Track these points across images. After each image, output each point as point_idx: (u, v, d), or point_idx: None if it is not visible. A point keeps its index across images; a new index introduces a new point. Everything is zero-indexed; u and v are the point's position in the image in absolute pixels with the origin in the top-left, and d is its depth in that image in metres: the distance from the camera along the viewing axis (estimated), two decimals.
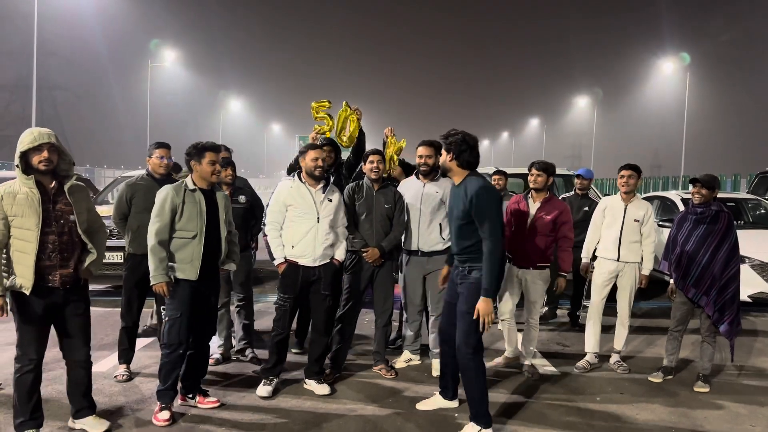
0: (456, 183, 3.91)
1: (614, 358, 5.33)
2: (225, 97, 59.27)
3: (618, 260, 5.23)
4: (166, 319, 3.99)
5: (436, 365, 4.87)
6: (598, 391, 4.70)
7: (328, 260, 4.50)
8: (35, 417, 3.55)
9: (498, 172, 7.74)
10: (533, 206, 5.12)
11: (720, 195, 12.74)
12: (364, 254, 4.78)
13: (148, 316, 5.95)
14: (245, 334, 5.27)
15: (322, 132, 5.45)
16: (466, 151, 3.77)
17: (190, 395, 4.22)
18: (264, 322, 6.40)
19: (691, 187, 4.99)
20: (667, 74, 42.70)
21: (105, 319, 6.45)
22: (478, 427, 3.74)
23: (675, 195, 9.18)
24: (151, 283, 3.90)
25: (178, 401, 4.18)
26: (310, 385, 4.57)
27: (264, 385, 4.47)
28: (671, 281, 5.08)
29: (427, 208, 4.82)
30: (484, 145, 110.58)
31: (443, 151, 3.86)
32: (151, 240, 3.87)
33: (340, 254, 4.58)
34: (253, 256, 5.57)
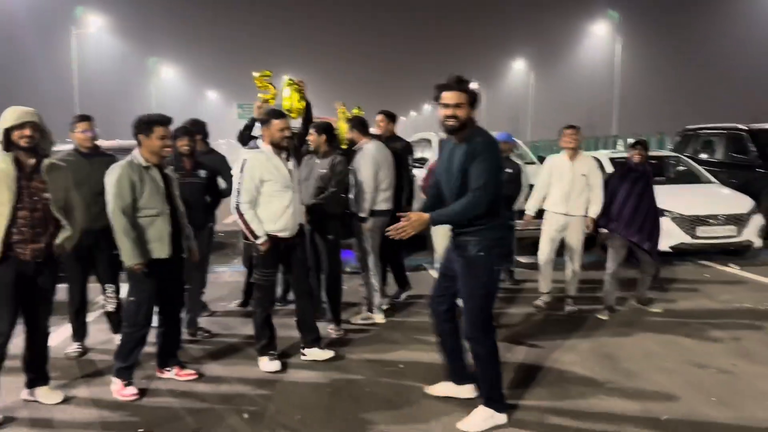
0: (457, 142, 3.43)
1: (567, 301, 5.91)
2: (156, 64, 57.07)
3: (566, 214, 5.73)
4: (132, 298, 3.98)
5: None
6: (539, 332, 5.13)
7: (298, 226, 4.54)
8: None
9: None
10: None
11: None
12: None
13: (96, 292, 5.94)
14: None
15: (266, 100, 5.54)
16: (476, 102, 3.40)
17: (168, 368, 4.28)
18: (210, 293, 6.51)
19: (631, 150, 5.73)
20: (600, 35, 43.78)
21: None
22: (491, 411, 3.49)
23: (603, 155, 9.69)
24: (128, 264, 3.85)
25: (156, 374, 4.28)
26: (311, 353, 4.54)
27: (270, 361, 4.39)
28: (604, 230, 5.76)
29: None
30: (425, 109, 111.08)
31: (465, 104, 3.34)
32: (118, 221, 3.83)
33: (302, 217, 4.63)
34: (213, 233, 5.48)
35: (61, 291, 4.82)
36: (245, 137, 5.56)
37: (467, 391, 3.76)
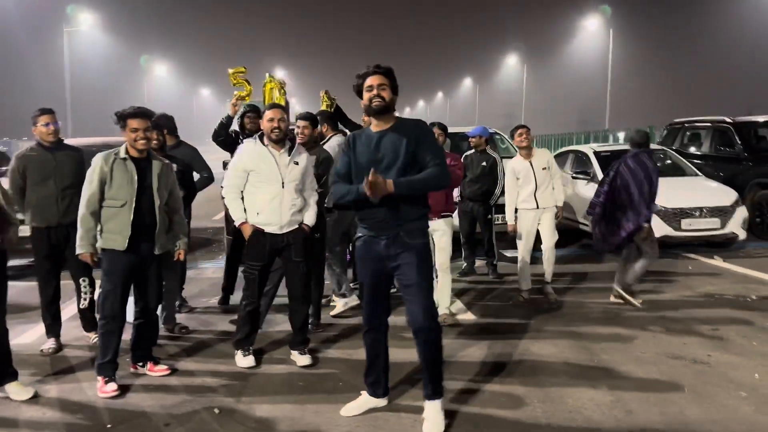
0: (378, 128, 3.40)
1: (547, 288, 6.08)
2: (149, 62, 56.87)
3: (537, 208, 5.96)
4: (100, 289, 4.03)
5: None
6: (517, 324, 5.12)
7: (296, 226, 4.30)
8: None
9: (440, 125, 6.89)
10: None
11: (629, 147, 13.47)
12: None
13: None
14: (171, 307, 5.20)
15: (241, 97, 5.51)
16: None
17: (141, 363, 4.26)
18: (190, 289, 6.49)
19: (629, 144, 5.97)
20: (592, 30, 43.84)
21: (32, 291, 6.37)
22: (439, 402, 3.44)
23: (588, 148, 9.68)
24: (77, 252, 3.95)
25: (129, 370, 4.26)
26: (294, 356, 4.44)
27: (244, 356, 4.35)
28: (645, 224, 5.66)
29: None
30: (419, 105, 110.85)
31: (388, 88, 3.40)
32: (81, 210, 3.92)
33: (309, 219, 4.37)
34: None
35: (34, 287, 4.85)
36: (221, 134, 5.52)
37: (383, 401, 3.68)
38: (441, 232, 5.35)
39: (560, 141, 22.40)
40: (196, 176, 5.58)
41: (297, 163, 4.28)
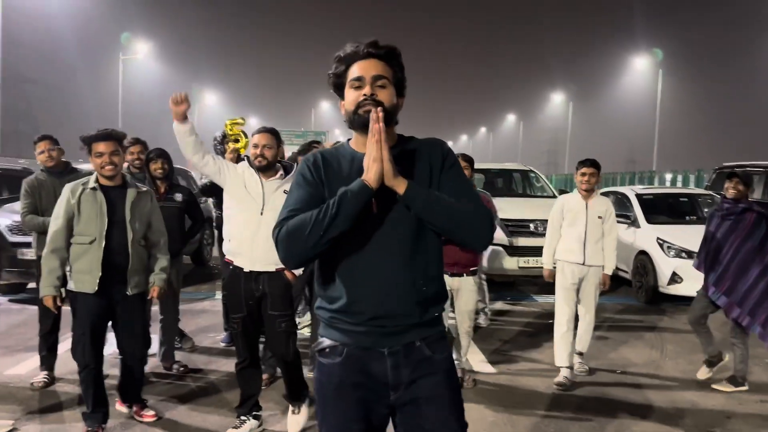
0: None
1: (576, 359, 5.03)
2: (200, 90, 58.56)
3: (584, 263, 4.86)
4: (72, 335, 3.63)
5: None
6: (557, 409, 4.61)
7: (273, 269, 3.60)
8: None
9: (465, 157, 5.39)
10: None
11: (674, 190, 12.83)
12: None
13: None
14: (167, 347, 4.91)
15: (236, 150, 5.27)
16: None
17: (128, 404, 3.99)
18: (200, 322, 6.27)
19: (727, 182, 4.87)
20: (640, 69, 43.08)
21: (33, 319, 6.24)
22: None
23: (629, 190, 9.19)
24: (40, 295, 3.58)
25: (116, 406, 3.99)
26: (289, 413, 3.87)
27: (241, 425, 3.73)
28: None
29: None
30: (462, 140, 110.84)
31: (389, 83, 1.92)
32: (45, 247, 3.57)
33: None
34: (181, 265, 5.20)
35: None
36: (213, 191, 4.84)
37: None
38: (467, 292, 4.58)
39: (604, 180, 21.76)
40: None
41: (287, 192, 3.62)
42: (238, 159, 5.08)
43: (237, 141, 4.97)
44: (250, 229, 3.56)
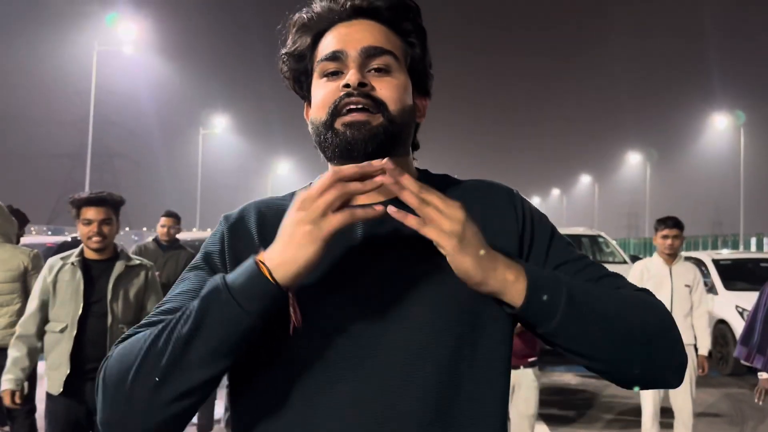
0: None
1: None
2: (274, 160, 60.84)
3: None
4: None
5: None
6: None
7: None
8: None
9: None
10: None
11: (754, 255, 11.73)
12: None
13: None
14: None
15: None
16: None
17: None
18: None
19: None
20: (721, 129, 41.34)
21: None
22: None
23: (706, 255, 8.43)
24: None
25: None
26: None
27: None
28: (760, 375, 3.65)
29: None
30: (534, 202, 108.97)
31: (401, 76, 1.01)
32: (15, 334, 3.04)
33: None
34: None
35: None
36: None
37: None
38: (527, 390, 3.68)
39: (685, 244, 20.49)
40: None
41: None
42: None
43: None
44: None
